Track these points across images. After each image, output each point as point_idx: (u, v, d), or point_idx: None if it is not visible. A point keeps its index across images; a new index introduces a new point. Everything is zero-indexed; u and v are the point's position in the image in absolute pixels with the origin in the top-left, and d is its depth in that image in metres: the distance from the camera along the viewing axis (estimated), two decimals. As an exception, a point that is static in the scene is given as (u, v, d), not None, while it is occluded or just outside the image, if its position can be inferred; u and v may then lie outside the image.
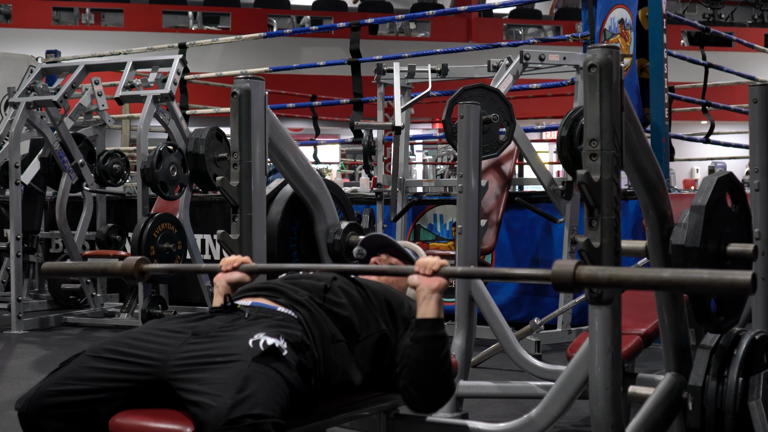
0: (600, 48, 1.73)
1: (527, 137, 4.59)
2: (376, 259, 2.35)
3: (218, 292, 2.02)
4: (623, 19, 5.06)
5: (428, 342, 1.85)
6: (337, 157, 14.18)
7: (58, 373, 1.66)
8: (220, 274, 2.03)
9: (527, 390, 2.73)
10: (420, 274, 1.85)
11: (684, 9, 16.43)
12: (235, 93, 2.57)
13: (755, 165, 2.61)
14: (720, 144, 6.68)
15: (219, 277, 2.03)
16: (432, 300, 1.86)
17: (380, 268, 2.10)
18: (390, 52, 6.28)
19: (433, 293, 1.86)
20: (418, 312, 1.88)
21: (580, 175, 1.69)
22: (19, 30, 13.31)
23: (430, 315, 1.86)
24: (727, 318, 2.01)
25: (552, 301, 4.90)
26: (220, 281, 2.02)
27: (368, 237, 2.40)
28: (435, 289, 1.86)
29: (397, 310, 2.00)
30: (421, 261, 1.87)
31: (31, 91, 5.54)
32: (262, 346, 1.62)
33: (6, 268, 5.99)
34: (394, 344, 1.95)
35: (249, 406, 1.49)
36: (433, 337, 1.85)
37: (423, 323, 1.86)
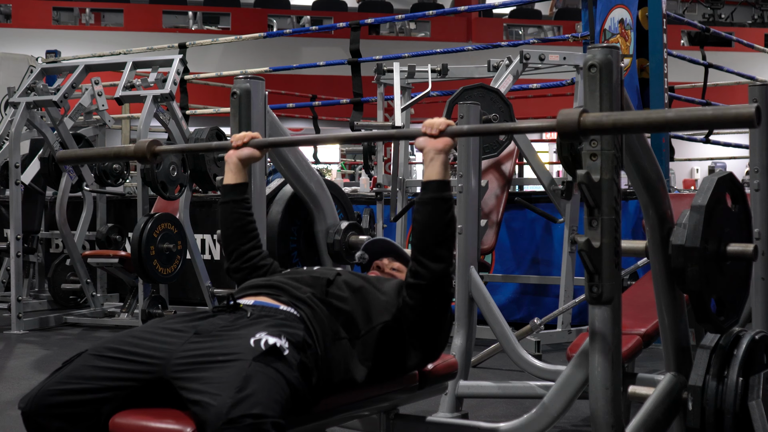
0: (600, 48, 1.73)
1: (527, 137, 4.59)
2: (379, 262, 2.35)
3: (229, 169, 2.08)
4: (623, 19, 5.06)
5: (434, 204, 1.87)
6: (337, 157, 14.18)
7: (60, 372, 1.66)
8: (231, 151, 2.09)
9: (527, 390, 2.73)
10: (426, 135, 1.86)
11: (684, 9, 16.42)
12: (235, 93, 2.57)
13: (755, 165, 2.61)
14: (720, 144, 6.68)
15: (230, 154, 2.08)
16: (437, 161, 1.87)
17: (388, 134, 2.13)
18: (390, 52, 6.28)
19: (438, 154, 1.87)
20: (424, 174, 1.90)
21: (580, 175, 1.69)
22: (19, 30, 13.30)
23: (435, 176, 1.88)
24: (727, 318, 2.01)
25: (552, 301, 4.90)
26: (231, 158, 2.08)
27: (371, 242, 2.40)
28: (441, 150, 1.87)
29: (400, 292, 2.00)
30: (428, 121, 1.88)
31: (31, 91, 5.54)
32: (263, 346, 1.62)
33: (6, 268, 5.99)
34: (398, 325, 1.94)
35: (249, 406, 1.49)
36: (438, 199, 1.87)
37: (428, 185, 1.88)
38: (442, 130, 1.86)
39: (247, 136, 2.09)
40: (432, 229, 1.87)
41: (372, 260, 2.38)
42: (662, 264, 1.99)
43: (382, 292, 1.98)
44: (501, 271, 5.22)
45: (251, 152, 2.09)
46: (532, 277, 5.11)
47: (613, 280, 1.71)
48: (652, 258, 2.02)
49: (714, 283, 1.94)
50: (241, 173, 2.12)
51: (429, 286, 1.89)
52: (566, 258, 4.57)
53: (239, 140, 2.09)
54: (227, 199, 2.13)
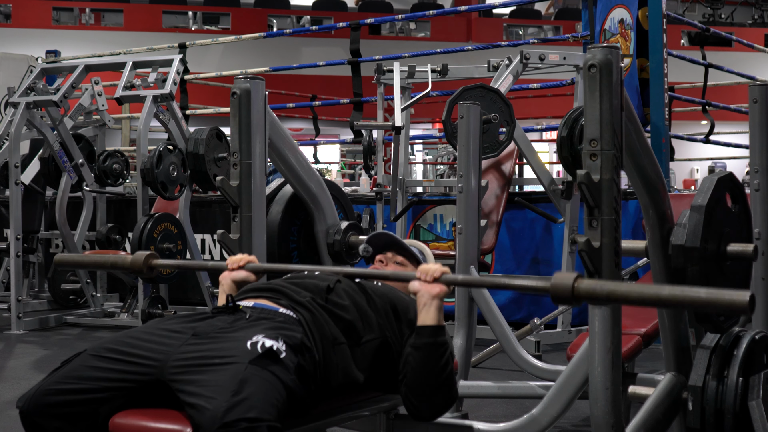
0: (600, 48, 1.73)
1: (527, 137, 4.59)
2: (382, 257, 2.35)
3: (223, 291, 2.03)
4: (623, 19, 5.06)
5: (428, 349, 1.84)
6: (337, 157, 14.18)
7: (59, 371, 1.66)
8: (226, 273, 2.04)
9: (527, 390, 2.73)
10: (421, 281, 1.85)
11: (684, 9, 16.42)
12: (235, 93, 2.57)
13: (755, 165, 2.61)
14: (720, 144, 6.68)
15: (224, 275, 2.04)
16: (432, 306, 1.84)
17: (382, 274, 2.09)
18: (390, 52, 6.28)
19: (433, 299, 1.84)
20: (418, 319, 1.86)
21: (580, 175, 1.69)
22: (19, 30, 13.30)
23: (429, 322, 1.84)
24: (727, 318, 2.01)
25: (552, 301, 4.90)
26: (226, 280, 2.03)
27: (374, 235, 2.40)
28: (435, 296, 1.84)
29: (402, 314, 1.98)
30: (423, 267, 1.86)
31: (31, 91, 5.54)
32: (259, 348, 1.61)
33: (6, 268, 5.99)
34: (397, 350, 1.93)
35: (244, 410, 1.48)
36: (433, 345, 1.84)
37: (423, 330, 1.85)
38: (437, 277, 1.83)
39: (243, 260, 2.04)
40: (427, 375, 1.84)
41: (375, 254, 2.38)
42: (662, 264, 1.99)
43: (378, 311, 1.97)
44: (501, 271, 5.22)
45: (246, 276, 2.03)
46: (532, 278, 5.11)
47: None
48: (652, 258, 2.03)
49: (714, 283, 1.94)
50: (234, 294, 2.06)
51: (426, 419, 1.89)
52: (566, 258, 4.57)
53: (235, 263, 2.04)
54: None
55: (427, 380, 1.84)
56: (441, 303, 1.86)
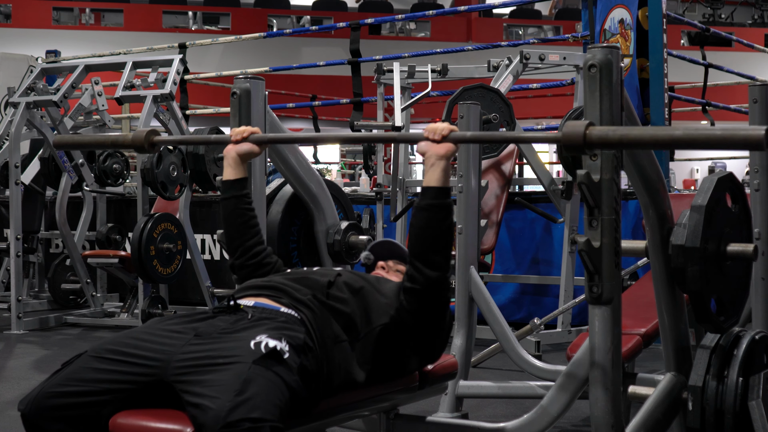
0: (600, 48, 1.73)
1: (527, 137, 4.59)
2: (383, 263, 2.35)
3: (228, 164, 2.05)
4: (623, 19, 5.06)
5: (432, 210, 1.85)
6: (337, 157, 14.18)
7: (60, 374, 1.66)
8: (230, 146, 2.06)
9: (527, 390, 2.73)
10: (429, 140, 1.85)
11: (684, 9, 16.42)
12: (235, 93, 2.57)
13: (755, 165, 2.61)
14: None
15: (229, 148, 2.06)
16: (438, 167, 1.85)
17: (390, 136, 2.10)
18: (390, 52, 6.28)
19: (439, 159, 1.85)
20: (424, 179, 1.88)
21: (580, 175, 1.69)
22: (19, 30, 13.31)
23: (434, 183, 1.85)
24: (727, 318, 2.01)
25: (552, 301, 4.91)
26: (230, 153, 2.05)
27: (377, 243, 2.40)
28: (442, 155, 1.85)
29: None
30: (430, 126, 1.86)
31: (31, 91, 5.54)
32: (263, 349, 1.61)
33: (6, 268, 5.99)
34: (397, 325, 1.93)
35: (247, 410, 1.48)
36: (437, 206, 1.85)
37: (427, 191, 1.86)
38: (444, 135, 1.84)
39: (246, 131, 2.07)
40: (429, 236, 1.86)
41: (377, 261, 2.38)
42: (662, 264, 1.99)
43: (382, 294, 1.98)
44: (501, 271, 5.22)
45: (250, 147, 2.06)
46: (532, 277, 5.11)
47: (613, 280, 1.71)
48: (652, 258, 2.02)
49: (714, 283, 1.94)
50: (240, 168, 2.09)
51: (425, 291, 1.89)
52: (566, 258, 4.57)
53: (238, 135, 2.06)
54: (228, 195, 2.10)
55: (430, 239, 1.86)
56: (447, 163, 1.86)
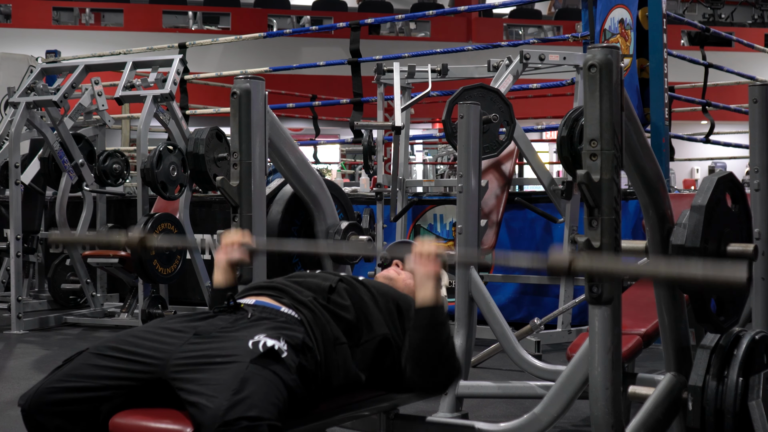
0: (600, 48, 1.73)
1: (527, 137, 4.59)
2: (398, 262, 2.35)
3: (218, 271, 2.03)
4: (623, 19, 5.06)
5: (428, 329, 1.86)
6: (337, 157, 14.17)
7: (60, 370, 1.67)
8: (221, 253, 2.04)
9: (527, 390, 2.73)
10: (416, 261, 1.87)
11: (684, 9, 16.42)
12: (235, 93, 2.57)
13: (755, 165, 2.61)
14: (720, 144, 6.68)
15: (219, 256, 2.04)
16: (428, 286, 1.87)
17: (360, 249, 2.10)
18: (390, 52, 6.28)
19: (428, 279, 1.86)
20: (416, 299, 1.88)
21: (580, 175, 1.69)
22: (19, 30, 13.30)
23: (428, 302, 1.87)
24: (727, 318, 2.01)
25: (552, 301, 4.90)
26: (221, 260, 2.04)
27: (395, 244, 2.42)
28: (431, 275, 1.86)
29: (405, 312, 1.99)
30: (418, 248, 1.88)
31: (31, 91, 5.54)
32: (261, 348, 1.61)
33: (6, 268, 5.99)
34: (398, 346, 1.94)
35: (245, 408, 1.49)
36: (433, 324, 1.86)
37: (421, 312, 1.87)
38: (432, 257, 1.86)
39: (236, 243, 2.04)
40: (429, 353, 1.87)
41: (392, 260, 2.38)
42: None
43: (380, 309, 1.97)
44: (501, 271, 5.22)
45: (241, 256, 2.03)
46: (532, 277, 5.11)
47: (613, 280, 1.71)
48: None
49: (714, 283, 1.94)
50: (230, 275, 2.05)
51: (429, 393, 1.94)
52: (566, 258, 4.56)
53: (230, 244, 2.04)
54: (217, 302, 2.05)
55: (430, 358, 1.86)
56: (437, 282, 1.87)
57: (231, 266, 2.03)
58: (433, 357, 1.86)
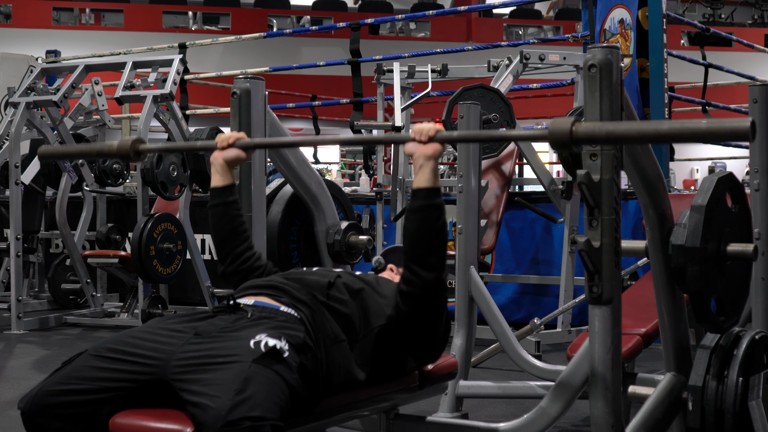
0: (600, 48, 1.73)
1: (527, 137, 4.59)
2: (393, 266, 2.35)
3: (216, 171, 2.04)
4: (623, 19, 5.06)
5: (424, 211, 1.85)
6: (337, 157, 14.17)
7: (60, 372, 1.66)
8: (217, 152, 2.05)
9: (527, 390, 2.73)
10: (416, 141, 1.84)
11: (684, 9, 16.42)
12: (235, 93, 2.57)
13: (755, 165, 2.61)
14: (720, 144, 6.68)
15: (215, 155, 2.05)
16: (427, 167, 1.85)
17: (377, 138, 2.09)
18: (390, 52, 6.28)
19: (428, 160, 1.84)
20: (414, 181, 1.87)
21: (580, 175, 1.69)
22: (19, 30, 13.30)
23: (424, 184, 1.85)
24: (727, 318, 2.01)
25: (552, 301, 4.90)
26: (217, 159, 2.04)
27: (390, 249, 2.41)
28: (430, 156, 1.84)
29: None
30: (417, 127, 1.86)
31: (31, 91, 5.54)
32: (263, 348, 1.61)
33: (6, 268, 5.99)
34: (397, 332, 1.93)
35: (248, 408, 1.48)
36: (428, 206, 1.84)
37: (418, 192, 1.86)
38: (431, 136, 1.83)
39: (232, 137, 2.05)
40: (423, 237, 1.85)
41: (387, 265, 2.38)
42: (662, 264, 1.99)
43: (381, 295, 1.98)
44: (501, 271, 5.22)
45: (237, 153, 2.05)
46: (532, 277, 5.11)
47: (613, 280, 1.71)
48: (652, 258, 2.02)
49: (714, 283, 1.94)
50: (227, 174, 2.09)
51: (422, 294, 1.88)
52: (566, 258, 4.57)
53: (224, 141, 2.05)
54: (217, 201, 2.10)
55: (424, 242, 1.85)
56: (436, 164, 1.86)
57: (228, 164, 2.05)
58: (428, 241, 1.85)
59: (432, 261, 1.86)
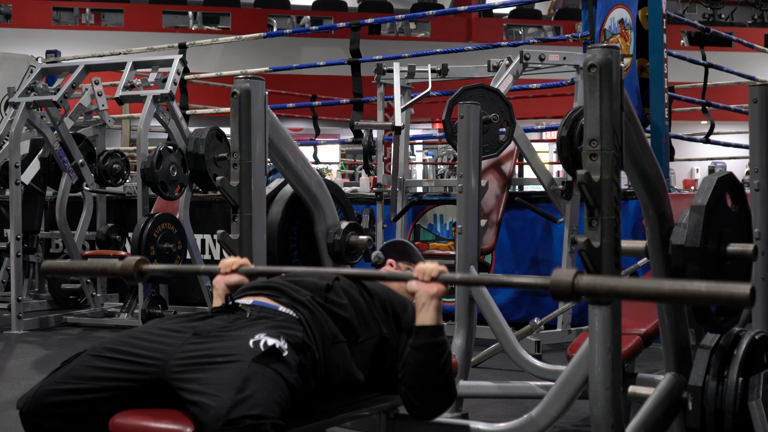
0: (600, 48, 1.73)
1: (527, 137, 4.59)
2: (392, 261, 2.35)
3: (218, 295, 2.02)
4: (623, 19, 5.06)
5: (427, 349, 1.85)
6: (337, 157, 14.17)
7: (59, 372, 1.66)
8: (219, 277, 2.03)
9: (527, 390, 2.73)
10: (418, 281, 1.85)
11: (684, 9, 16.42)
12: (235, 93, 2.57)
13: (755, 165, 2.61)
14: (720, 144, 6.68)
15: (218, 279, 2.03)
16: (431, 306, 1.85)
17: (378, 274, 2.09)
18: (390, 52, 6.28)
19: (431, 299, 1.85)
20: (417, 319, 1.87)
21: (580, 175, 1.69)
22: (19, 30, 13.30)
23: (428, 322, 1.85)
24: (727, 318, 2.01)
25: (552, 301, 4.90)
26: (219, 284, 2.02)
27: (389, 243, 2.40)
28: (433, 295, 1.85)
29: (401, 314, 1.99)
30: (420, 267, 1.86)
31: (31, 91, 5.54)
32: (262, 347, 1.61)
33: (6, 268, 5.99)
34: (395, 348, 1.94)
35: (248, 407, 1.49)
36: (432, 345, 1.85)
37: (422, 330, 1.86)
38: (434, 276, 1.83)
39: (236, 263, 2.03)
40: (425, 374, 1.85)
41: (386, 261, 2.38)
42: (662, 264, 1.99)
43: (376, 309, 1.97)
44: (501, 271, 5.22)
45: (240, 280, 2.02)
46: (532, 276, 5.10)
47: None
48: (652, 258, 2.02)
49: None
50: None
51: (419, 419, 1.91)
52: (566, 258, 4.57)
53: (228, 267, 2.02)
54: None
55: (427, 380, 1.85)
56: (439, 303, 1.86)
57: (230, 289, 2.03)
58: (431, 378, 1.85)
59: (435, 398, 1.87)
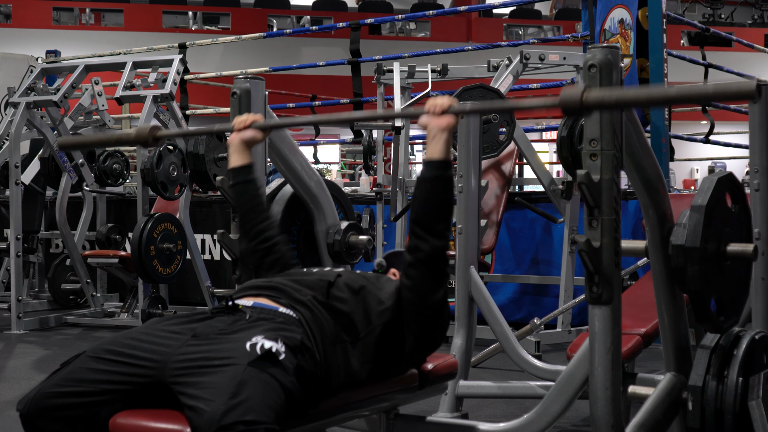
0: (600, 48, 1.73)
1: (527, 137, 4.59)
2: (395, 271, 2.35)
3: (233, 152, 2.11)
4: (623, 19, 5.06)
5: (435, 181, 1.90)
6: (337, 157, 14.18)
7: (58, 374, 1.66)
8: (234, 134, 2.11)
9: (527, 390, 2.73)
10: (430, 114, 1.89)
11: (684, 9, 16.42)
12: (235, 93, 2.57)
13: (755, 165, 2.61)
14: (720, 144, 6.68)
15: (233, 137, 2.12)
16: (440, 139, 1.89)
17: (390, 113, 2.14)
18: (390, 52, 6.28)
19: (442, 132, 1.89)
20: (426, 152, 1.92)
21: (580, 175, 1.69)
22: (19, 30, 13.30)
23: (437, 155, 1.89)
24: (727, 318, 2.01)
25: (552, 301, 4.90)
26: (234, 141, 2.11)
27: (393, 253, 2.42)
28: (444, 128, 1.88)
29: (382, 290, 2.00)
30: (431, 101, 1.90)
31: (31, 91, 5.54)
32: (258, 350, 1.60)
33: (6, 268, 5.99)
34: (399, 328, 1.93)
35: (242, 412, 1.48)
36: (439, 177, 1.89)
37: (430, 163, 1.90)
38: (445, 109, 1.88)
39: (249, 119, 2.13)
40: (431, 206, 1.90)
41: (389, 269, 2.38)
42: (662, 264, 1.99)
43: (381, 289, 1.97)
44: (501, 271, 5.22)
45: (254, 134, 2.12)
46: (532, 277, 5.11)
47: (613, 280, 1.71)
48: (652, 258, 2.03)
49: (714, 283, 1.94)
50: (245, 154, 2.15)
51: (427, 262, 1.90)
52: (566, 258, 4.57)
53: (242, 123, 2.13)
54: (237, 180, 2.16)
55: (433, 209, 1.90)
56: (449, 136, 1.90)
57: (245, 145, 2.12)
58: (435, 210, 1.89)
59: (438, 228, 1.90)
